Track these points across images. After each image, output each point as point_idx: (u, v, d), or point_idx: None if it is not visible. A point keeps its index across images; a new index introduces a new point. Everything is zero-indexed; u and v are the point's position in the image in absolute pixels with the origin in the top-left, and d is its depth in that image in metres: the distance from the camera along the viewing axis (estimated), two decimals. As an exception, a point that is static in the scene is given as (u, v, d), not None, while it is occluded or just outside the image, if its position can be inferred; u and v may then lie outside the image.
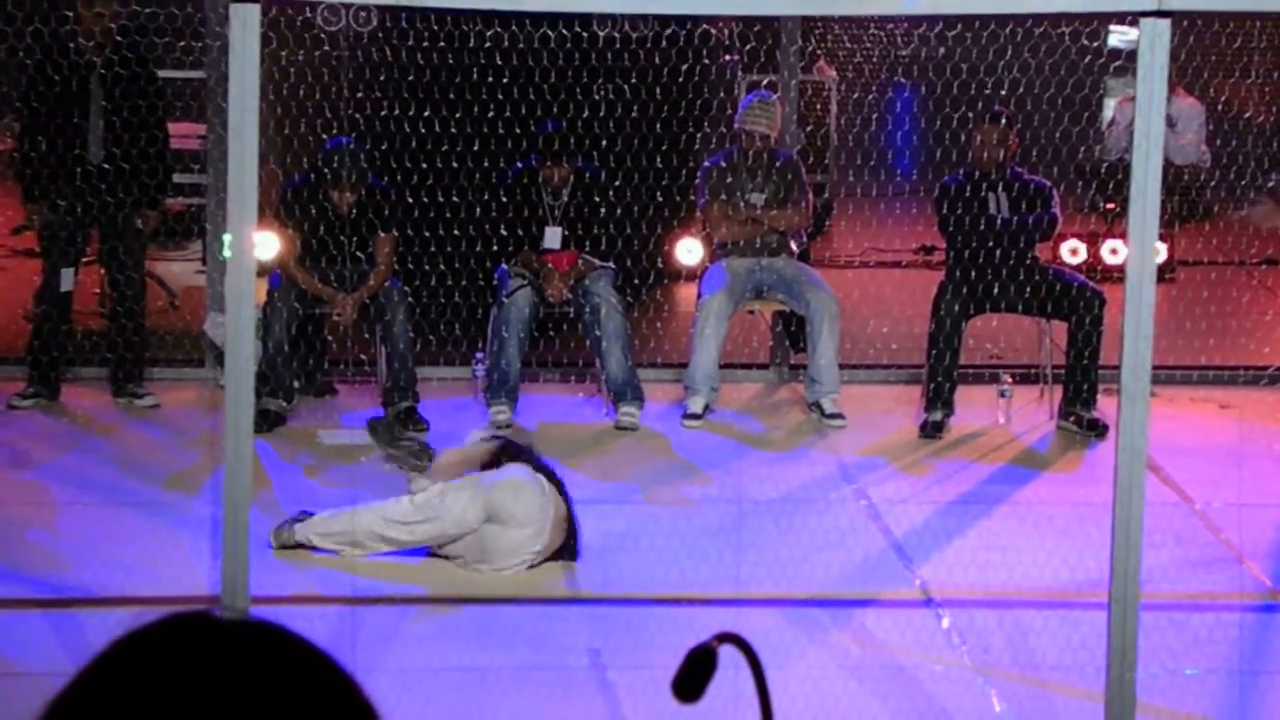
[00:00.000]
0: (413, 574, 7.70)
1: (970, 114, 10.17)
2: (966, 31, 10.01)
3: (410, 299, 9.93)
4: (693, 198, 10.86)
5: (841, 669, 6.84)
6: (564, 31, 10.91)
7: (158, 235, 10.50)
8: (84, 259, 10.12)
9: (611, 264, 10.11)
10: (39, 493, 8.56)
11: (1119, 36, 14.23)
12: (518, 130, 10.57)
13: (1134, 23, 5.56)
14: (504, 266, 10.05)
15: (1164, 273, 11.63)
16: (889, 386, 10.59)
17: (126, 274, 9.85)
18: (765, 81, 11.56)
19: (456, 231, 10.51)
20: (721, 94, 12.35)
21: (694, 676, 2.91)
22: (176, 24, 11.25)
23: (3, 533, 8.02)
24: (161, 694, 1.39)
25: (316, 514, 7.89)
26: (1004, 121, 9.86)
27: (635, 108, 11.01)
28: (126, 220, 9.77)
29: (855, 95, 15.13)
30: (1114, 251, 12.11)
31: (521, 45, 11.01)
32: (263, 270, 8.72)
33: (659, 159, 10.56)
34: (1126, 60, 9.13)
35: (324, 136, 10.16)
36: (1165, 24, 5.37)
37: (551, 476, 7.86)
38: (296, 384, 9.84)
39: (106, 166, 9.62)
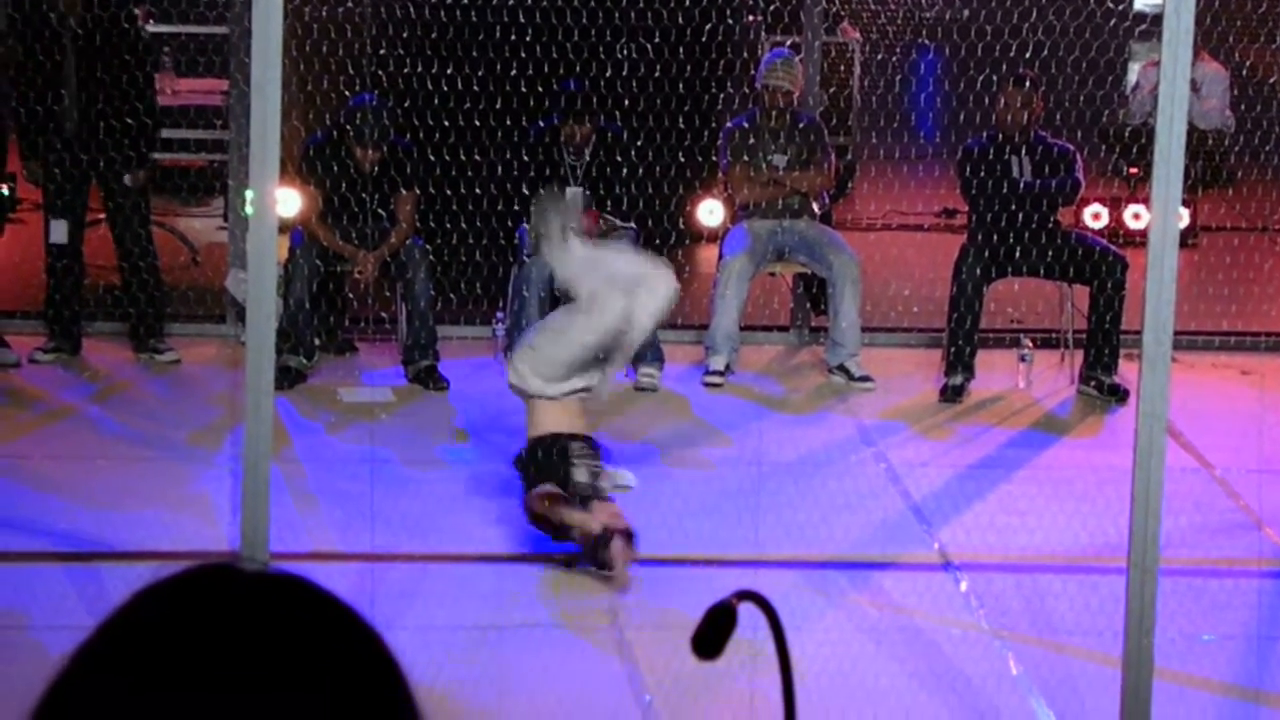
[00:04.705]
0: (432, 532, 7.72)
1: (994, 77, 10.13)
2: (991, -6, 9.96)
3: (431, 257, 9.93)
4: (715, 159, 10.84)
5: (859, 631, 6.84)
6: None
7: (150, 192, 10.42)
8: (91, 217, 10.13)
9: (633, 224, 10.10)
10: (59, 446, 8.58)
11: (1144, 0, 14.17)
12: (540, 89, 10.55)
13: (1160, -14, 5.54)
14: (525, 226, 10.05)
15: (1186, 238, 11.59)
16: (909, 350, 10.57)
17: (129, 230, 9.88)
18: (789, 42, 11.53)
19: (478, 190, 10.50)
20: (745, 55, 12.31)
21: (713, 633, 2.91)
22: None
23: (23, 486, 8.05)
24: (183, 644, 1.39)
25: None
26: (1028, 84, 9.83)
27: (658, 68, 10.98)
28: (115, 179, 9.78)
29: (879, 57, 15.07)
30: (1136, 216, 12.08)
31: (545, 3, 10.98)
32: (284, 227, 8.72)
33: (681, 119, 10.53)
34: (1151, 24, 9.08)
35: (347, 93, 10.15)
36: (1191, -13, 5.34)
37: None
38: (317, 341, 9.85)
39: (85, 132, 9.61)
